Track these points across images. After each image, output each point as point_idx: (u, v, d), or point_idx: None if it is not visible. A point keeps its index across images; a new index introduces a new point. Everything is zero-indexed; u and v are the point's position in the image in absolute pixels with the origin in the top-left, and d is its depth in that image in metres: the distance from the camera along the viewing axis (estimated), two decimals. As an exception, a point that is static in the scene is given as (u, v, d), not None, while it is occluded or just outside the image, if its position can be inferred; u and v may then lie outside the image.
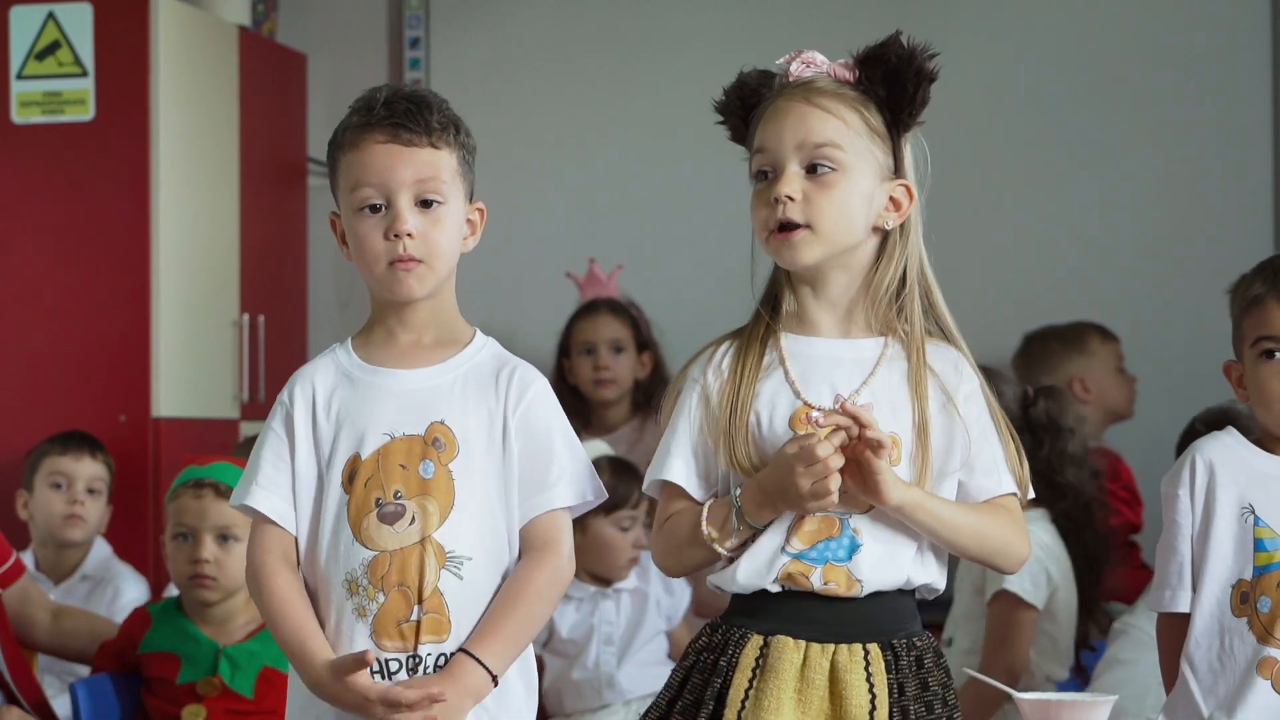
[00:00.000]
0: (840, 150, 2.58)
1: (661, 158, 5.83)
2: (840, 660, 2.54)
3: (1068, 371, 5.11)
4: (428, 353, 2.70)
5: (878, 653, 2.55)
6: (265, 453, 2.69)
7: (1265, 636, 2.72)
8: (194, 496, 3.69)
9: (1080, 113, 5.62)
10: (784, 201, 2.56)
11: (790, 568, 2.55)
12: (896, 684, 2.54)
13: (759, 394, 2.60)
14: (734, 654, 2.56)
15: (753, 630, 2.57)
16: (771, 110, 2.62)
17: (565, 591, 4.31)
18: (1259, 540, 2.75)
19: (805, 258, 2.59)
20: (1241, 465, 2.78)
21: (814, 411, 2.57)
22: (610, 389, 5.18)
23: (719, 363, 2.64)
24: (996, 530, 2.60)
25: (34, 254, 5.22)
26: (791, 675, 2.53)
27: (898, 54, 2.64)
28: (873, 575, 2.55)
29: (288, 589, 2.64)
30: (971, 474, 2.61)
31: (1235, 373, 2.84)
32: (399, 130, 2.64)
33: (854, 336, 2.63)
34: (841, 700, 2.52)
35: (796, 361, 2.61)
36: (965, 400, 2.61)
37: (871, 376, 2.60)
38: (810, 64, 2.64)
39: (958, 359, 2.64)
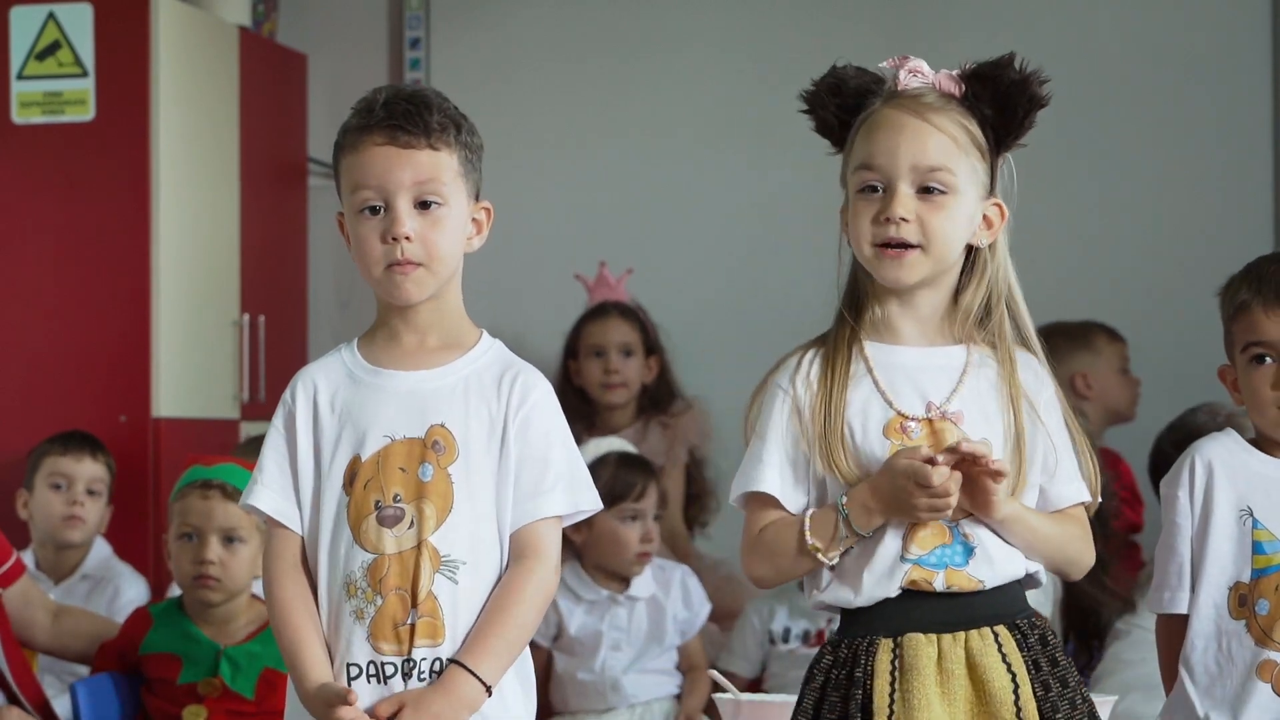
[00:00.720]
0: (952, 174, 2.58)
1: (662, 158, 5.83)
2: (974, 646, 2.55)
3: (1071, 367, 5.11)
4: (431, 354, 2.69)
5: (1006, 633, 2.56)
6: (269, 452, 2.70)
7: (1264, 639, 2.72)
8: (201, 497, 3.69)
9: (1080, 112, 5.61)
10: (897, 223, 2.56)
11: (914, 574, 2.56)
12: (1030, 661, 2.56)
13: (850, 403, 2.60)
14: (867, 662, 2.55)
15: (879, 634, 2.56)
16: (881, 122, 2.60)
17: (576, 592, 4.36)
18: (1257, 543, 2.75)
19: (912, 277, 2.59)
20: (1240, 467, 2.78)
21: (909, 422, 2.58)
22: (619, 392, 5.19)
23: (806, 372, 2.64)
24: (1074, 542, 2.64)
25: (34, 254, 5.21)
26: (931, 670, 2.53)
27: (1013, 78, 2.62)
28: (991, 574, 2.57)
29: (291, 597, 2.65)
30: (1052, 481, 2.63)
31: (1230, 376, 2.84)
32: (397, 132, 2.63)
33: (938, 344, 2.64)
34: (984, 684, 2.53)
35: (884, 371, 2.62)
36: (1046, 408, 2.63)
37: (960, 384, 2.61)
38: (917, 73, 2.62)
39: (1038, 366, 2.66)
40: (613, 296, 5.35)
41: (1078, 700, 2.57)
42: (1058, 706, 2.54)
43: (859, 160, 2.60)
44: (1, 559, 3.78)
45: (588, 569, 4.41)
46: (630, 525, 4.34)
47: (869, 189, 2.59)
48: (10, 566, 3.79)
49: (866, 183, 2.59)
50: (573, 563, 4.40)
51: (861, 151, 2.60)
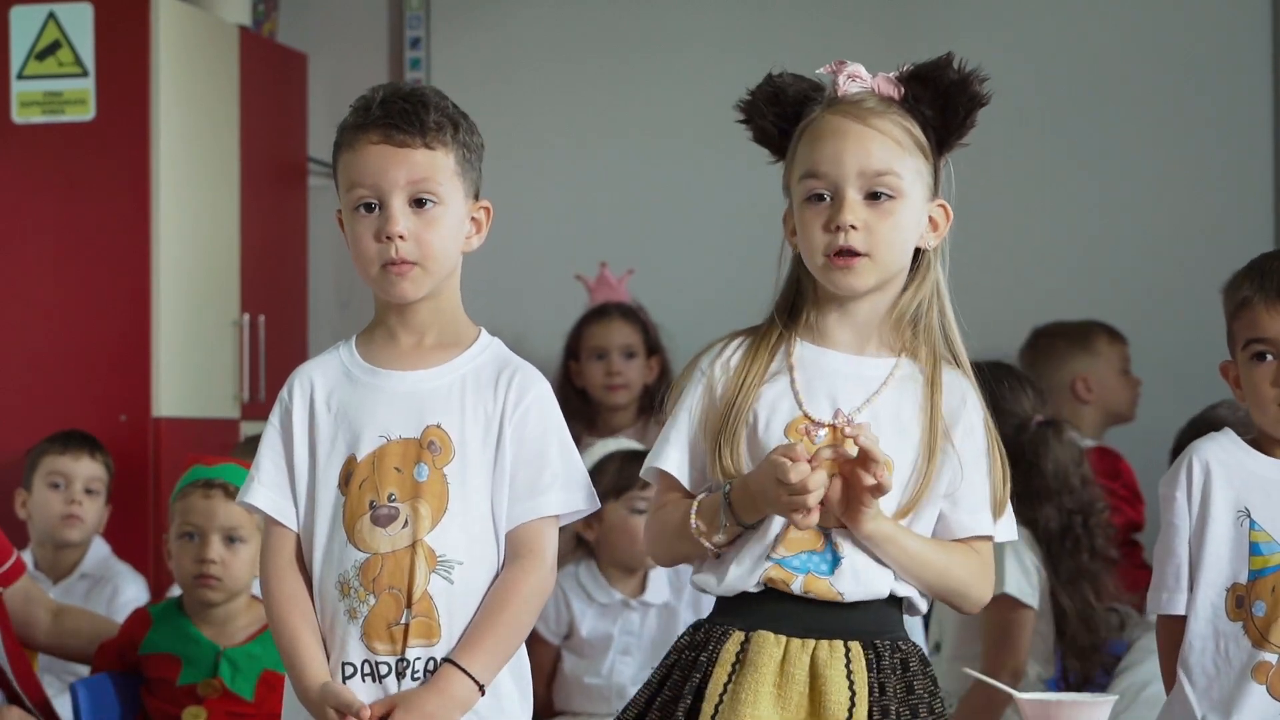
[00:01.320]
0: (899, 178, 2.57)
1: (662, 158, 5.83)
2: (820, 656, 2.53)
3: (1072, 370, 5.11)
4: (429, 354, 2.69)
5: (859, 651, 2.54)
6: (266, 449, 2.70)
7: (1260, 641, 2.71)
8: (203, 496, 3.69)
9: (1080, 112, 5.62)
10: (846, 230, 2.55)
11: (772, 572, 2.55)
12: (878, 683, 2.53)
13: (761, 396, 2.60)
14: (715, 649, 2.56)
15: (734, 627, 2.57)
16: (824, 129, 2.59)
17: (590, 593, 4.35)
18: (1254, 544, 2.74)
19: (863, 285, 2.58)
20: (1238, 467, 2.77)
21: (814, 425, 2.57)
22: (622, 394, 5.19)
23: (728, 359, 2.64)
24: (961, 572, 2.60)
25: (34, 254, 5.22)
26: (771, 669, 2.53)
27: (952, 78, 2.60)
28: (855, 588, 2.55)
29: (288, 595, 2.65)
30: (955, 508, 2.60)
31: (1232, 372, 2.83)
32: (392, 131, 2.63)
33: (867, 354, 2.62)
34: (821, 696, 2.52)
35: (804, 371, 2.61)
36: (965, 433, 2.61)
37: (875, 396, 2.59)
38: (855, 77, 2.61)
39: (965, 390, 2.63)
40: (614, 297, 5.35)
41: None
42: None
43: (804, 168, 2.58)
44: (2, 558, 3.78)
45: (604, 569, 4.39)
46: (639, 517, 4.33)
47: (815, 197, 2.57)
48: (10, 566, 3.78)
49: (813, 191, 2.57)
50: (589, 562, 4.39)
51: (805, 159, 2.58)
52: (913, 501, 2.57)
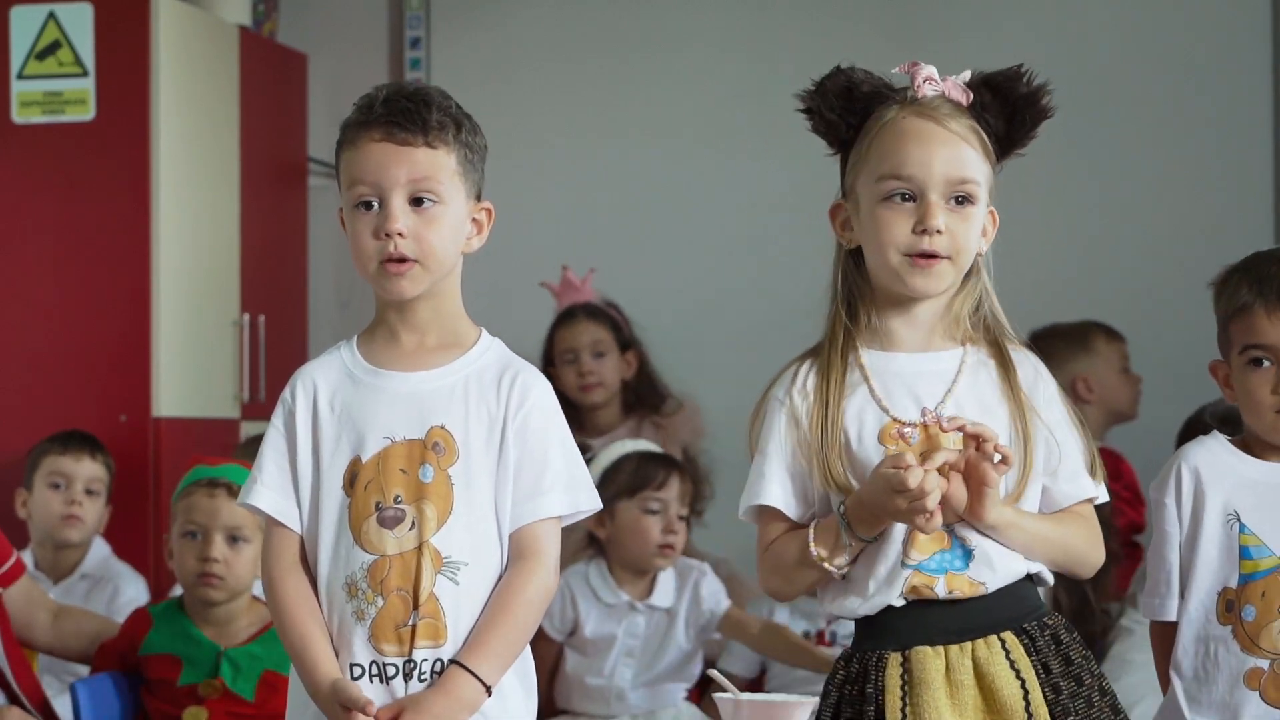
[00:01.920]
0: (978, 185, 2.60)
1: (662, 158, 5.83)
2: (980, 655, 2.55)
3: (1072, 370, 5.10)
4: (431, 355, 2.69)
5: (1014, 639, 2.56)
6: (268, 450, 2.69)
7: (1250, 646, 2.71)
8: (207, 495, 3.69)
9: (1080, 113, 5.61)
10: (933, 234, 2.56)
11: (914, 580, 2.56)
12: (1041, 665, 2.56)
13: (846, 411, 2.60)
14: (878, 677, 2.56)
15: (888, 649, 2.57)
16: (908, 130, 2.59)
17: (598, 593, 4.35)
18: (1244, 548, 2.73)
19: (940, 287, 2.61)
20: (1227, 471, 2.77)
21: (906, 427, 2.58)
22: (597, 393, 5.16)
23: (803, 383, 2.64)
24: (1078, 541, 2.63)
25: (34, 254, 5.22)
26: (940, 682, 2.54)
27: (1022, 91, 2.64)
28: (993, 576, 2.57)
29: (295, 594, 2.65)
30: (1055, 480, 2.62)
31: (1222, 372, 2.83)
32: (394, 129, 2.63)
33: (934, 349, 2.64)
34: (993, 693, 2.53)
35: (879, 378, 2.62)
36: (1047, 404, 2.63)
37: (954, 387, 2.61)
38: (931, 80, 2.61)
39: (1036, 363, 2.67)
40: (580, 298, 5.32)
41: (1094, 697, 2.57)
42: (1070, 708, 2.54)
43: (887, 169, 2.59)
44: (1, 559, 3.78)
45: (614, 569, 4.39)
46: (651, 517, 4.32)
47: (897, 197, 2.58)
48: (10, 566, 3.78)
49: (896, 191, 2.58)
50: (598, 561, 4.39)
51: (888, 160, 2.59)
52: (1020, 482, 2.59)
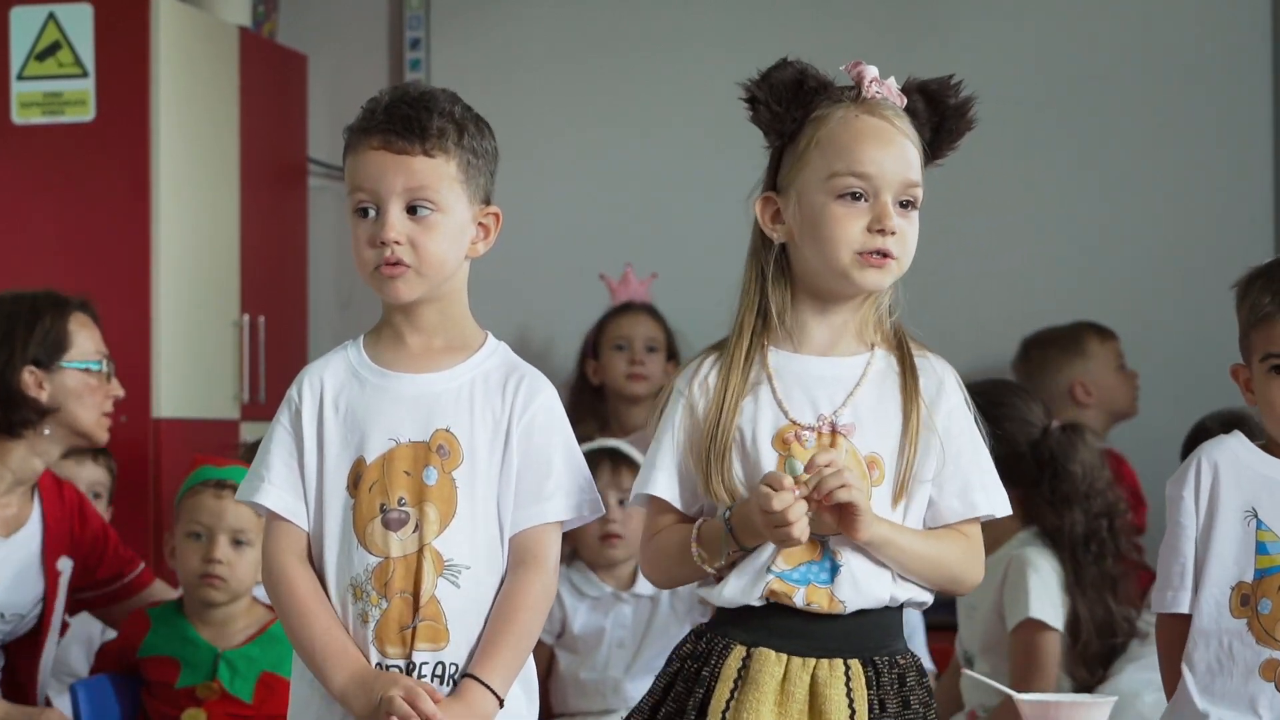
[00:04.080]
0: (920, 188, 2.61)
1: (664, 158, 5.82)
2: (821, 675, 2.55)
3: (1068, 376, 5.10)
4: (437, 357, 2.70)
5: (859, 669, 2.56)
6: (274, 448, 2.69)
7: (1265, 638, 2.73)
8: (214, 496, 3.69)
9: (1080, 113, 5.62)
10: (888, 234, 2.56)
11: (774, 585, 2.56)
12: (877, 700, 2.55)
13: (743, 410, 2.60)
14: (717, 664, 2.58)
15: (736, 641, 2.58)
16: (864, 130, 2.59)
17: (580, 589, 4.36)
18: (1261, 543, 2.76)
19: (887, 285, 2.61)
20: (1246, 469, 2.79)
21: (803, 431, 2.58)
22: (642, 384, 5.20)
23: (704, 377, 2.65)
24: (955, 561, 2.62)
25: (34, 254, 5.21)
26: (772, 688, 2.54)
27: (954, 101, 2.64)
28: (854, 596, 2.56)
29: (310, 589, 2.64)
30: (942, 493, 2.62)
31: (1243, 376, 2.84)
32: (392, 138, 2.63)
33: (839, 354, 2.64)
34: (821, 715, 2.53)
35: (782, 378, 2.62)
36: (947, 416, 2.62)
37: (854, 394, 2.61)
38: (876, 81, 2.62)
39: (942, 373, 2.65)
40: (638, 298, 5.38)
41: None
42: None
43: (842, 166, 2.58)
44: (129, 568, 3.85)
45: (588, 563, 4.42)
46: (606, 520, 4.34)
47: (850, 196, 2.58)
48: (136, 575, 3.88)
49: (850, 189, 2.58)
50: (578, 560, 4.41)
51: (843, 157, 2.58)
52: (902, 490, 2.58)
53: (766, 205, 2.65)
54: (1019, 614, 3.87)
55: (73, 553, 3.78)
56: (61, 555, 3.76)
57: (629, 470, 4.39)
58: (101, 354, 3.81)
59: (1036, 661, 3.87)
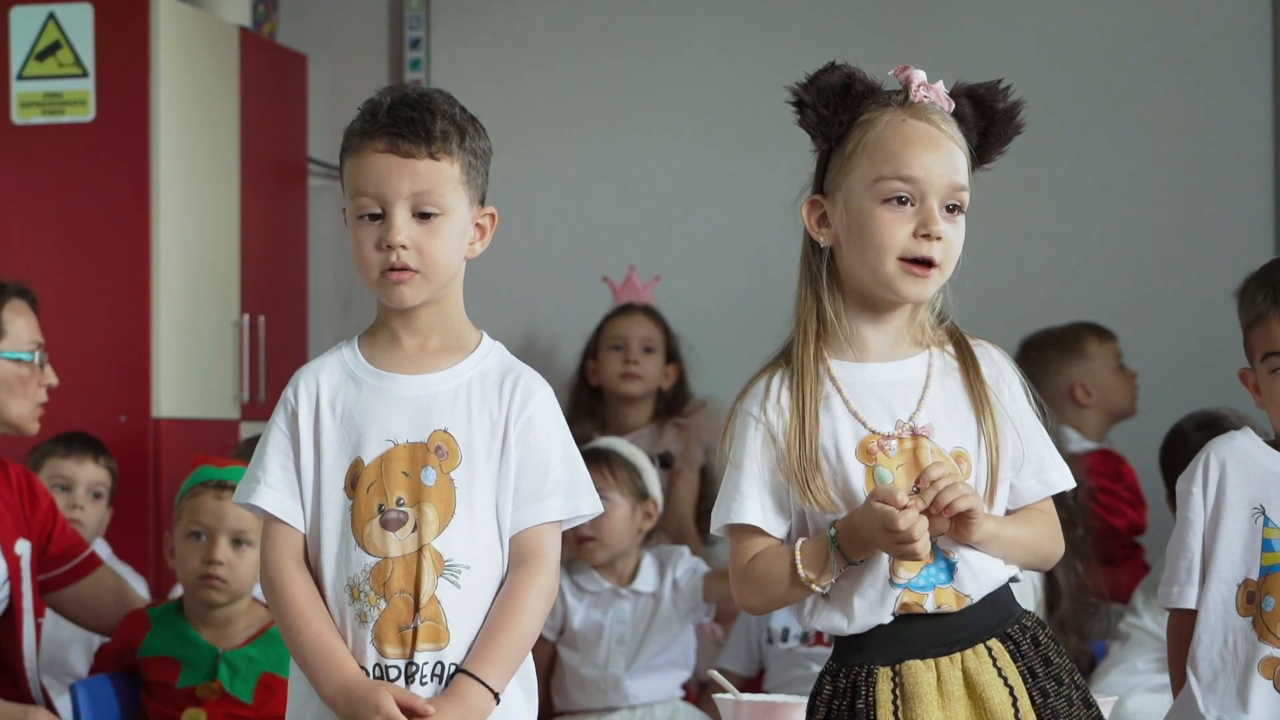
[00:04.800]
0: (968, 194, 2.60)
1: (666, 159, 5.82)
2: (970, 665, 2.55)
3: (1068, 377, 5.10)
4: (433, 358, 2.70)
5: (1000, 647, 2.57)
6: (270, 450, 2.69)
7: (1266, 634, 2.74)
8: (215, 497, 3.69)
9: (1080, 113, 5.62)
10: (935, 240, 2.55)
11: (906, 598, 2.56)
12: (1027, 670, 2.56)
13: (821, 426, 2.59)
14: (868, 693, 2.56)
15: (877, 663, 2.57)
16: (911, 134, 2.58)
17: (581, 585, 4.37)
18: (1267, 541, 2.76)
19: (929, 295, 2.60)
20: (1254, 466, 2.80)
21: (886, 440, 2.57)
22: (636, 384, 5.21)
23: (776, 397, 2.62)
24: (1045, 541, 2.64)
25: (34, 254, 5.21)
26: (932, 695, 2.54)
27: (1003, 106, 2.63)
28: (977, 586, 2.57)
29: (305, 594, 2.64)
30: (1020, 475, 2.63)
31: (1251, 379, 2.85)
32: (398, 140, 2.62)
33: (900, 358, 2.63)
34: (983, 701, 2.54)
35: (851, 389, 2.61)
36: (1012, 399, 2.64)
37: (925, 395, 2.61)
38: (924, 86, 2.60)
39: (998, 358, 2.66)
40: (639, 300, 5.39)
41: (1074, 695, 2.58)
42: (1057, 710, 2.55)
43: (889, 170, 2.56)
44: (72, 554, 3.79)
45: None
46: None
47: (896, 200, 2.57)
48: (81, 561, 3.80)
49: (897, 193, 2.56)
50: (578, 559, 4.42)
51: (891, 161, 2.57)
52: (995, 481, 2.59)
53: (813, 209, 2.64)
54: None
55: (29, 534, 3.73)
56: (18, 539, 3.69)
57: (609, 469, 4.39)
58: (35, 344, 3.75)
59: None
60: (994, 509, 2.60)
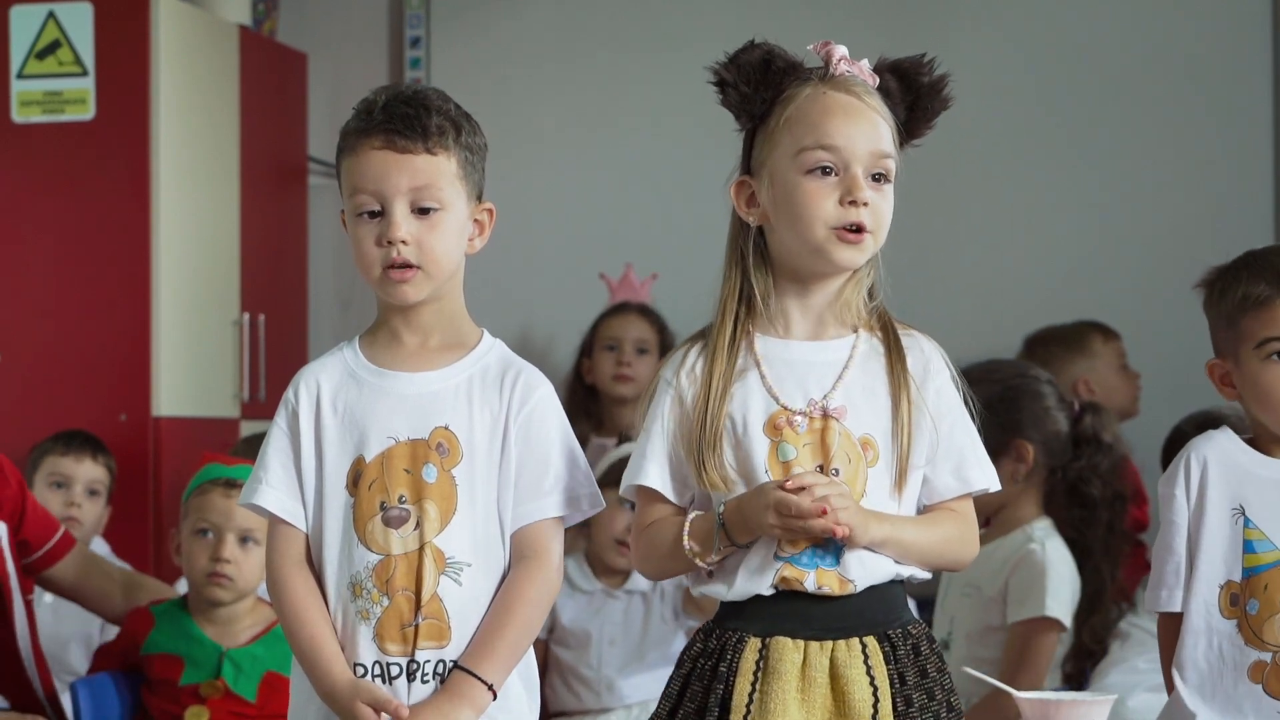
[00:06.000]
0: (894, 161, 2.60)
1: (665, 157, 5.82)
2: (839, 656, 2.54)
3: (1071, 375, 5.10)
4: (434, 355, 2.70)
5: (875, 645, 2.55)
6: (272, 450, 2.70)
7: (1253, 639, 2.72)
8: (223, 495, 3.68)
9: (1080, 112, 5.62)
10: (861, 205, 2.56)
11: (786, 572, 2.55)
12: (897, 674, 2.55)
13: (733, 397, 2.60)
14: (733, 659, 2.56)
15: (749, 633, 2.57)
16: (832, 105, 2.59)
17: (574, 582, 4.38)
18: (1249, 542, 2.74)
19: (861, 261, 2.60)
20: (1234, 466, 2.77)
21: (796, 416, 2.57)
22: (628, 386, 5.19)
23: (691, 366, 2.64)
24: (954, 543, 2.63)
25: (34, 254, 5.21)
26: (794, 675, 2.53)
27: (929, 79, 2.64)
28: (863, 574, 2.56)
29: (304, 594, 2.65)
30: (936, 470, 2.62)
31: (1219, 371, 2.83)
32: (394, 137, 2.63)
33: (825, 338, 2.63)
34: (844, 695, 2.53)
35: (771, 365, 2.61)
36: (935, 394, 2.62)
37: (843, 376, 2.60)
38: (845, 60, 2.63)
39: (928, 351, 2.65)
40: (635, 298, 5.37)
41: (942, 713, 2.57)
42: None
43: (810, 141, 2.57)
44: (44, 536, 3.76)
45: (589, 559, 4.43)
46: (624, 510, 4.35)
47: (820, 170, 2.57)
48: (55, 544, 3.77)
49: (820, 164, 2.57)
50: (577, 552, 4.42)
51: (812, 132, 2.58)
52: (902, 474, 2.59)
53: (741, 189, 2.65)
54: (1032, 609, 3.86)
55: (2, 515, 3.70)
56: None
57: None
58: None
59: (1033, 658, 3.87)
60: (902, 501, 2.60)
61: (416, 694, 2.62)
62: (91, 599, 3.85)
